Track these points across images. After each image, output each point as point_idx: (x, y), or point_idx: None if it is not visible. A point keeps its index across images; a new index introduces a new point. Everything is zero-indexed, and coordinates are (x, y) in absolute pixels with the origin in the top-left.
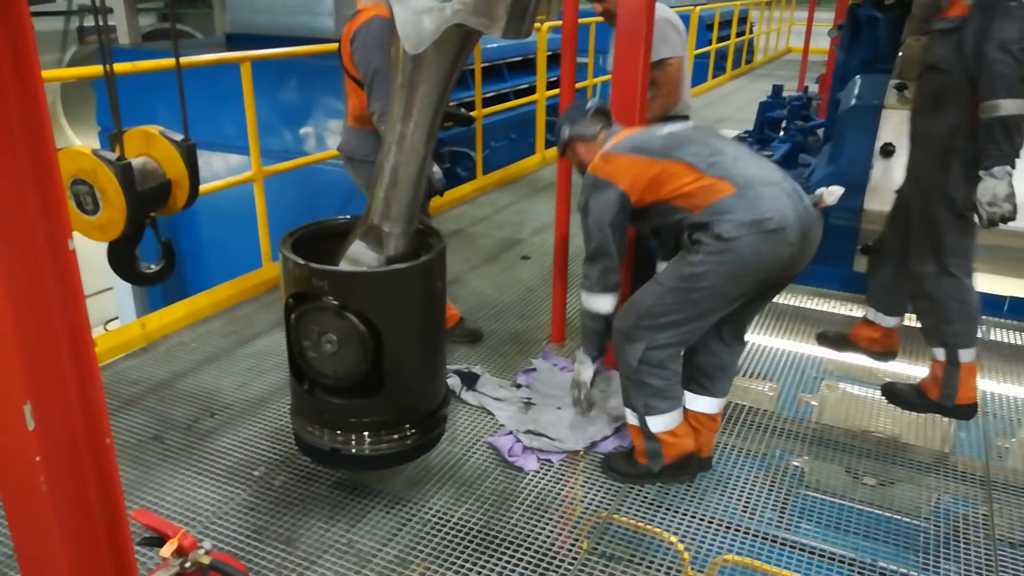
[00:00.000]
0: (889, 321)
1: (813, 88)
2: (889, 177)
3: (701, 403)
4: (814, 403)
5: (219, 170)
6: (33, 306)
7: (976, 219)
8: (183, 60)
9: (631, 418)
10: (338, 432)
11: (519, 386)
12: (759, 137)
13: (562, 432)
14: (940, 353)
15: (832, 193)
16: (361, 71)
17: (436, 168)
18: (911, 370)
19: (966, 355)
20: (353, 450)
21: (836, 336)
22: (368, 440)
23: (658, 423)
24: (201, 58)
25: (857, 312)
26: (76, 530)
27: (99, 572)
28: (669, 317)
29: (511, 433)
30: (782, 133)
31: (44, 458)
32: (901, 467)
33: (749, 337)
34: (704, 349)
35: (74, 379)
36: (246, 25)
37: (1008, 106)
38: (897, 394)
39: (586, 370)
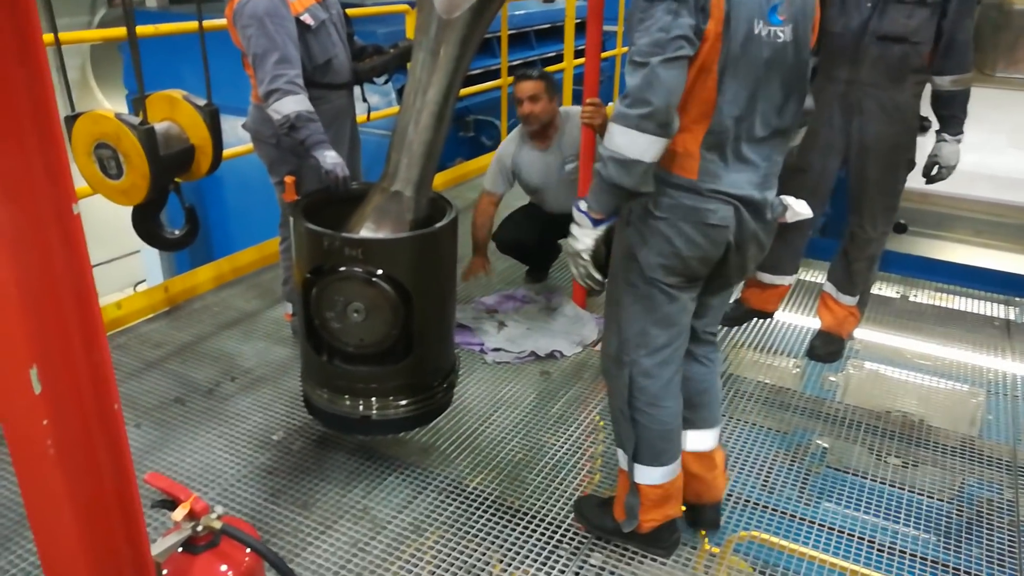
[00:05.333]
0: (792, 279)
1: None
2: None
3: (688, 439)
4: (839, 382)
5: (244, 135)
6: (38, 271)
7: (927, 178)
8: (207, 23)
9: (621, 460)
10: (371, 399)
11: (495, 311)
12: None
13: (527, 344)
14: (855, 300)
15: (796, 210)
16: (248, 52)
17: (330, 156)
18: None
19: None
20: (381, 414)
21: (733, 313)
22: (393, 404)
23: (645, 475)
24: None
25: (886, 290)
26: (85, 494)
27: (108, 535)
28: (635, 324)
29: (482, 345)
30: None
31: (51, 422)
32: (926, 448)
33: (778, 314)
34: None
35: (81, 344)
36: None
37: (969, 80)
38: (817, 352)
39: (586, 236)
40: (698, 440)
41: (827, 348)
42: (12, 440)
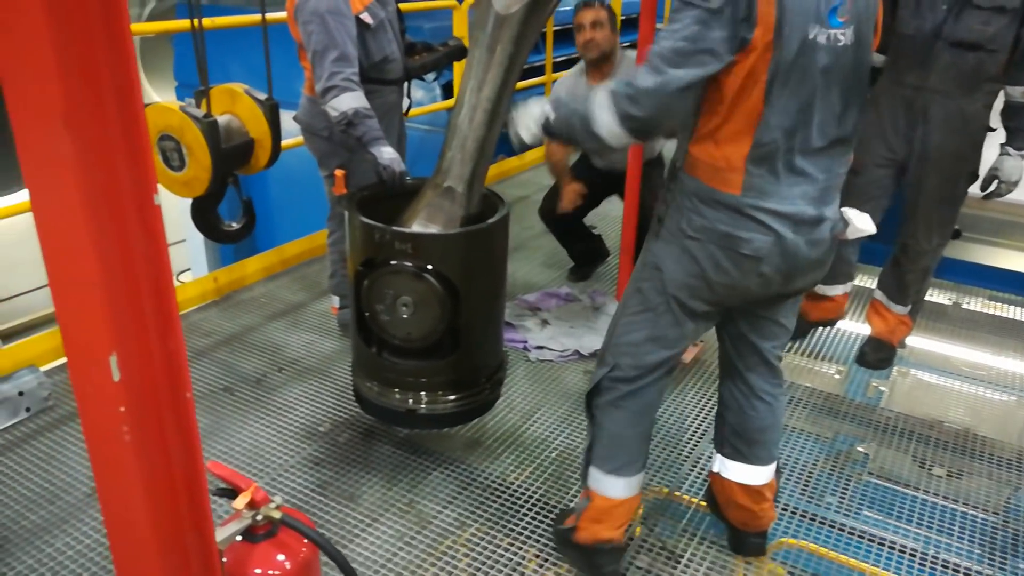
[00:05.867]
0: (851, 286)
1: None
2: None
3: (738, 471)
4: (885, 389)
5: (288, 128)
6: (118, 258)
7: (984, 193)
8: (269, 17)
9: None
10: (418, 393)
11: (537, 309)
12: None
13: (570, 342)
14: (908, 308)
15: (861, 223)
16: (307, 47)
17: (387, 151)
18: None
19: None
20: (427, 409)
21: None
22: (441, 399)
23: (595, 479)
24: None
25: (937, 297)
26: (157, 480)
27: (177, 521)
28: (632, 335)
29: (525, 342)
30: None
31: (128, 409)
32: (974, 460)
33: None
34: (734, 406)
35: (156, 331)
36: None
37: None
38: (867, 359)
39: (529, 131)
40: (749, 474)
41: (877, 355)
42: (88, 425)
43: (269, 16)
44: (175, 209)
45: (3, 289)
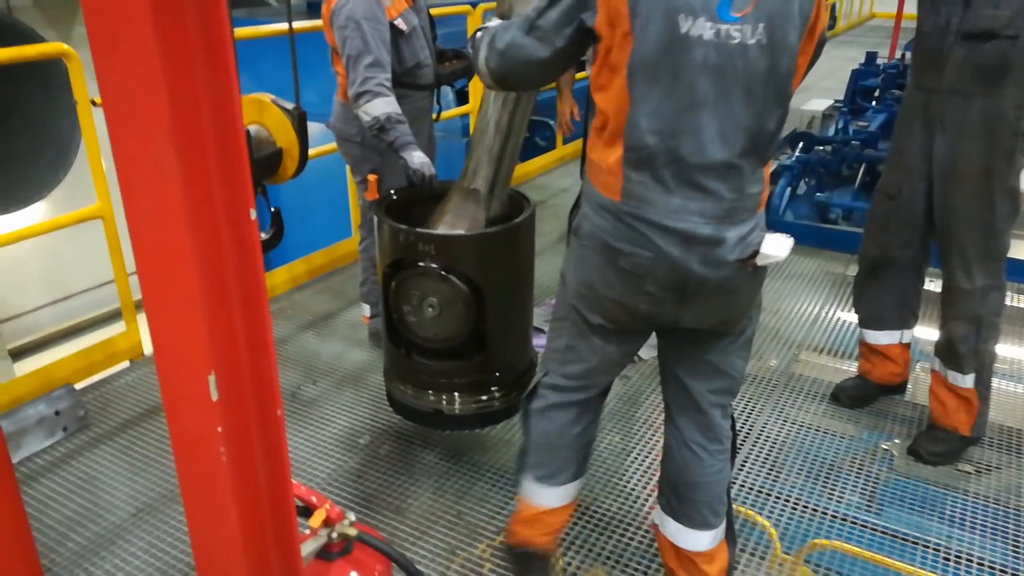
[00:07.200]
0: (908, 337)
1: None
2: None
3: (670, 528)
4: (908, 385)
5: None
6: (217, 275)
7: None
8: (297, 26)
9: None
10: (441, 393)
11: None
12: (851, 107)
13: None
14: (969, 379)
15: (771, 249)
16: (341, 52)
17: (417, 156)
18: None
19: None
20: (455, 408)
21: (854, 391)
22: (468, 400)
23: (524, 485)
24: (309, 23)
25: None
26: (248, 499)
27: (263, 540)
28: (555, 341)
29: None
30: (875, 103)
31: (225, 429)
32: (1001, 454)
33: (842, 314)
34: (667, 451)
35: (251, 349)
36: None
37: None
38: (919, 450)
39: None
40: (681, 536)
41: (931, 447)
42: (181, 445)
43: (298, 25)
44: None
45: (11, 308)
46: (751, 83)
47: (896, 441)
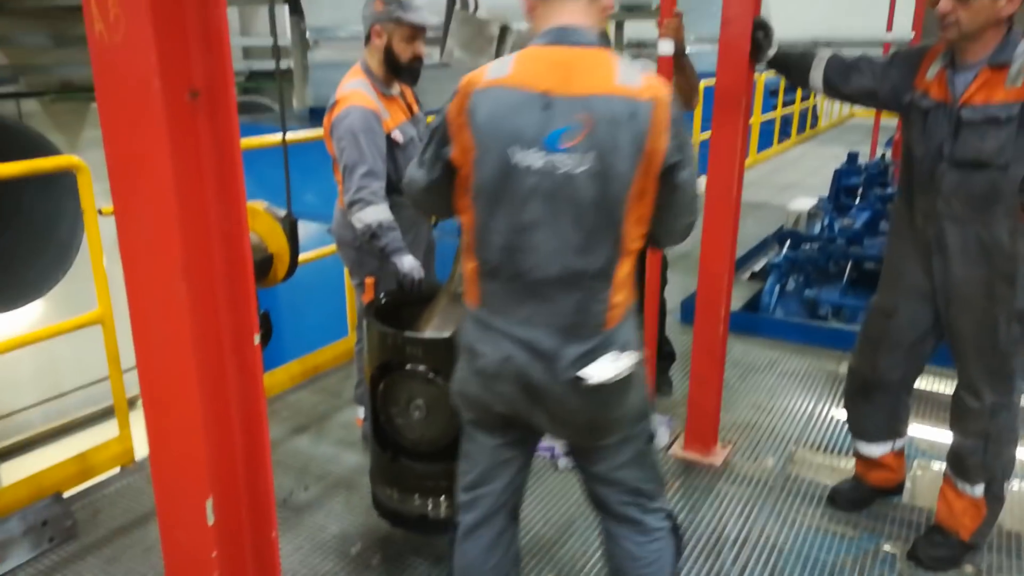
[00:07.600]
0: (900, 444)
1: (887, 155)
2: None
3: None
4: (908, 483)
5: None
6: (218, 402)
7: None
8: (298, 136)
9: None
10: (427, 497)
11: None
12: (836, 204)
13: None
14: (978, 489)
15: (595, 370)
16: (339, 162)
17: (407, 261)
18: None
19: (1007, 486)
20: (440, 514)
21: (850, 495)
22: (453, 503)
23: None
24: (309, 132)
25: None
26: None
27: None
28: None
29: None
30: (858, 200)
31: (220, 554)
32: (1004, 556)
33: (840, 413)
34: (604, 549)
35: (248, 473)
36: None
37: None
38: (918, 554)
39: None
40: None
41: (931, 551)
42: (173, 566)
43: (292, 136)
44: None
45: (2, 406)
46: (580, 207)
47: (897, 542)
